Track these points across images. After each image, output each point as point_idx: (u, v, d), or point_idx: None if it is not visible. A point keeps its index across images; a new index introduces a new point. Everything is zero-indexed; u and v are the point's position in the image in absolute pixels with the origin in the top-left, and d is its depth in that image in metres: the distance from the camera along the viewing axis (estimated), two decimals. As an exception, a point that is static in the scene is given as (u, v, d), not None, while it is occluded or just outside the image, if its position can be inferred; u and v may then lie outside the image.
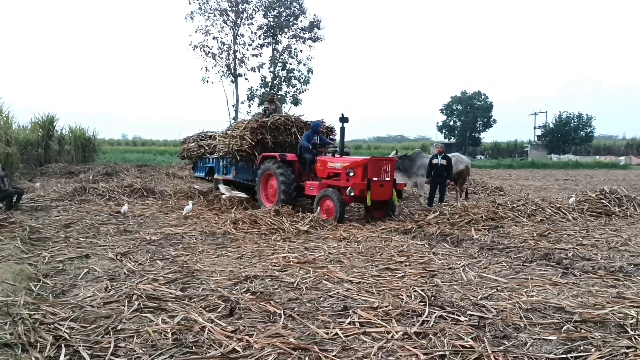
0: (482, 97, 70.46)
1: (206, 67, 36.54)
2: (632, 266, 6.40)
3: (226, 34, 37.36)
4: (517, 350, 3.73)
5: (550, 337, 3.98)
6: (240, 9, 37.02)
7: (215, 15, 36.51)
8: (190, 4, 36.02)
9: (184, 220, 10.18)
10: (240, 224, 9.30)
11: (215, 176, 13.99)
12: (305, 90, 38.29)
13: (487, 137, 74.78)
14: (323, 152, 11.87)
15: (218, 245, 7.83)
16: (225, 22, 37.04)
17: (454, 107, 71.55)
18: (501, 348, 3.74)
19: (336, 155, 11.40)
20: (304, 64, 38.21)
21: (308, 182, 10.98)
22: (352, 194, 9.78)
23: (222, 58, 37.03)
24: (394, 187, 10.41)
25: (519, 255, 7.12)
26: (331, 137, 13.28)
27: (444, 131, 72.83)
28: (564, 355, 3.62)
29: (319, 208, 10.22)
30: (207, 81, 36.57)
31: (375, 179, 9.96)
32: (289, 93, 38.15)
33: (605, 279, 5.80)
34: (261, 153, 12.10)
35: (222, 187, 12.97)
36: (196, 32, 36.59)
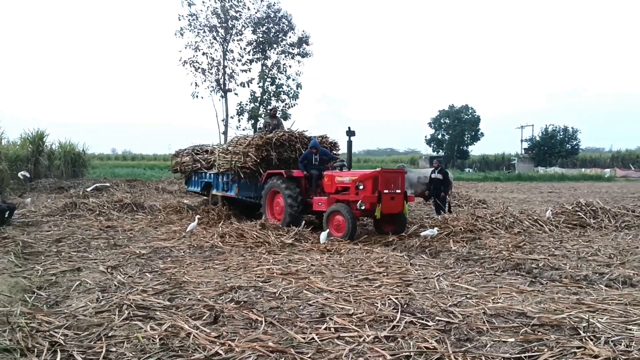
0: (470, 110, 71.31)
1: (196, 82, 36.93)
2: (597, 275, 6.78)
3: (216, 50, 37.79)
4: (476, 351, 4.07)
5: (509, 339, 4.33)
6: (230, 25, 37.51)
7: (204, 32, 36.97)
8: (180, 20, 36.50)
9: (173, 235, 10.46)
10: (228, 237, 9.62)
11: (214, 192, 13.86)
12: (294, 105, 38.75)
13: (475, 150, 75.56)
14: (330, 167, 11.63)
15: (205, 258, 8.14)
16: (214, 38, 37.49)
17: (442, 121, 72.35)
18: (462, 349, 4.09)
19: (344, 169, 11.25)
20: (293, 79, 38.76)
21: (316, 198, 10.84)
22: (362, 207, 9.62)
23: (211, 73, 37.43)
24: (404, 199, 10.22)
25: (492, 266, 7.50)
26: (334, 151, 13.21)
27: (432, 144, 73.57)
28: (519, 355, 3.97)
29: (329, 224, 10.04)
30: (197, 96, 36.96)
31: (386, 191, 9.80)
32: (278, 107, 38.58)
33: (569, 287, 6.18)
34: (266, 170, 11.99)
35: (322, 236, 9.47)
36: (186, 47, 37.01)
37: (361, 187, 9.94)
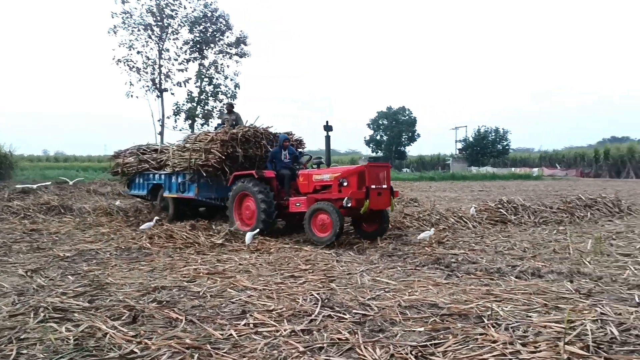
0: (407, 112, 73.07)
1: (130, 82, 36.18)
2: (509, 267, 7.18)
3: (151, 49, 37.17)
4: (387, 340, 4.27)
5: (419, 329, 4.56)
6: (165, 24, 36.95)
7: (139, 30, 36.25)
8: (113, 17, 35.59)
9: (101, 237, 10.25)
10: (157, 238, 9.53)
11: (165, 194, 12.86)
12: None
13: (412, 150, 77.65)
14: (304, 166, 11.06)
15: (132, 259, 8.04)
16: (150, 37, 36.82)
17: (380, 122, 73.77)
18: (373, 339, 4.28)
19: (321, 166, 10.56)
20: (231, 79, 38.57)
21: (293, 199, 10.02)
22: (349, 204, 9.05)
23: (147, 73, 36.78)
24: (391, 194, 9.67)
25: (414, 261, 7.80)
26: (300, 149, 12.66)
27: (371, 145, 74.88)
28: (425, 343, 4.19)
29: (311, 225, 9.35)
30: (132, 96, 36.19)
31: (373, 186, 9.22)
32: (215, 108, 38.29)
33: (481, 279, 6.53)
34: (230, 167, 11.25)
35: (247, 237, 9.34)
36: (120, 46, 36.19)
37: (345, 183, 9.42)
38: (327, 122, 10.54)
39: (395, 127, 71.59)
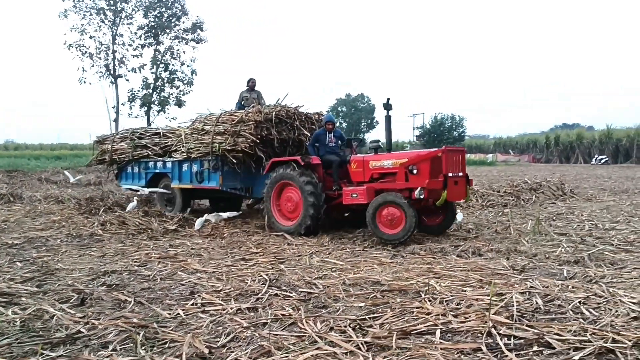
0: (366, 99, 73.67)
1: (83, 68, 35.33)
2: (452, 247, 7.49)
3: (104, 34, 36.36)
4: (328, 315, 4.49)
5: (360, 304, 4.80)
6: (119, 8, 36.13)
7: (91, 14, 35.37)
8: (63, 1, 34.64)
9: (52, 224, 10.13)
10: (109, 225, 9.50)
11: (175, 184, 11.22)
12: (189, 91, 38.17)
13: (371, 137, 78.36)
14: (353, 150, 9.85)
15: (83, 246, 8.03)
16: (102, 22, 35.99)
17: (340, 109, 74.17)
18: (316, 315, 4.49)
19: (379, 151, 9.12)
20: (188, 66, 38.12)
21: (348, 189, 8.61)
22: (422, 196, 7.84)
23: (100, 58, 35.99)
24: (467, 182, 8.39)
25: (363, 242, 8.07)
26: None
27: (330, 132, 75.25)
28: (364, 317, 4.42)
29: (376, 221, 8.02)
30: (84, 82, 35.38)
31: (450, 174, 7.98)
32: (172, 94, 37.82)
33: (425, 258, 6.82)
34: (264, 152, 9.91)
35: (208, 216, 9.83)
36: (71, 30, 35.25)
37: (415, 171, 8.17)
38: (387, 99, 8.93)
39: (354, 114, 72.16)
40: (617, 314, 4.26)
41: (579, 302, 4.59)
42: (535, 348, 3.61)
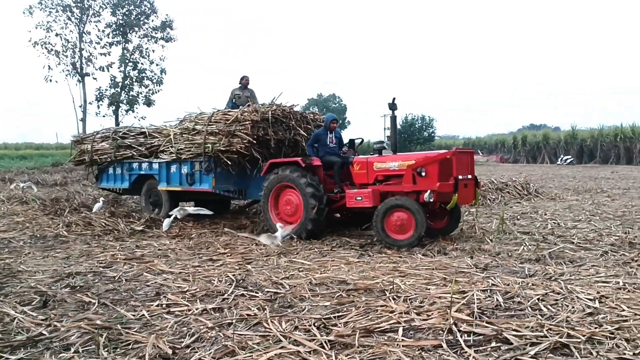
0: (337, 99, 73.97)
1: (49, 66, 34.59)
2: (419, 246, 7.61)
3: (71, 31, 35.69)
4: (294, 315, 4.52)
5: (326, 303, 4.85)
6: (86, 6, 35.52)
7: (57, 11, 34.68)
8: (28, -3, 33.89)
9: (15, 226, 9.93)
10: (74, 226, 9.37)
11: (161, 187, 10.68)
12: (158, 91, 37.77)
13: (344, 138, 78.64)
14: (355, 152, 9.60)
15: (47, 247, 7.91)
16: (69, 19, 35.32)
17: (311, 109, 74.25)
18: (281, 314, 4.52)
19: (383, 152, 8.83)
20: (157, 64, 37.70)
21: (351, 192, 8.32)
22: (431, 199, 7.57)
23: (66, 56, 35.30)
24: (476, 186, 8.18)
25: (332, 242, 8.13)
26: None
27: (302, 132, 75.34)
28: (329, 316, 4.47)
29: (384, 225, 7.77)
30: (51, 80, 34.67)
31: (460, 177, 7.77)
32: (141, 93, 37.36)
33: (391, 257, 6.92)
34: (260, 153, 9.50)
35: (174, 211, 9.56)
36: (37, 27, 34.49)
37: (423, 173, 7.87)
38: (393, 99, 8.52)
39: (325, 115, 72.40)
40: (574, 310, 4.41)
41: (538, 298, 4.72)
42: (493, 344, 3.72)
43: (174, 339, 3.96)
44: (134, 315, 4.55)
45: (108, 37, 36.80)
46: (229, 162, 9.40)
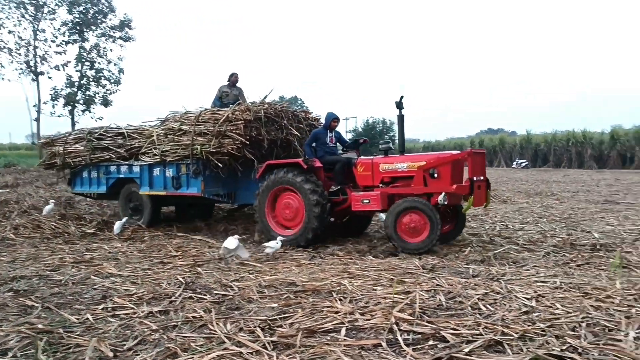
0: (299, 102, 73.95)
1: (1, 64, 33.52)
2: (371, 248, 7.76)
3: (24, 29, 34.64)
4: (240, 317, 4.55)
5: (273, 305, 4.90)
6: (41, 3, 34.54)
7: (10, 7, 33.62)
8: (-22, -7, 32.78)
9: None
10: (22, 229, 9.16)
11: (143, 191, 9.95)
12: (116, 91, 37.10)
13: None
14: (357, 153, 8.98)
15: (-8, 251, 7.72)
16: (23, 16, 34.28)
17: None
18: (227, 316, 4.55)
19: (389, 153, 8.36)
20: (115, 64, 36.98)
21: (357, 194, 7.99)
22: (445, 202, 7.34)
23: (19, 54, 34.24)
24: (487, 187, 7.92)
25: (285, 246, 8.17)
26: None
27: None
28: (275, 317, 4.52)
29: (395, 229, 7.46)
30: (2, 79, 33.61)
31: (474, 178, 7.49)
32: (98, 93, 36.58)
33: (342, 259, 7.02)
34: (253, 155, 8.96)
35: (117, 225, 9.21)
36: (-13, 24, 33.33)
37: (435, 175, 7.66)
38: (400, 97, 8.11)
39: (287, 117, 72.30)
40: (510, 309, 4.58)
41: (478, 298, 4.88)
42: (431, 342, 3.84)
43: (117, 342, 3.94)
44: (77, 319, 4.50)
45: (64, 36, 35.83)
46: (219, 164, 8.88)
